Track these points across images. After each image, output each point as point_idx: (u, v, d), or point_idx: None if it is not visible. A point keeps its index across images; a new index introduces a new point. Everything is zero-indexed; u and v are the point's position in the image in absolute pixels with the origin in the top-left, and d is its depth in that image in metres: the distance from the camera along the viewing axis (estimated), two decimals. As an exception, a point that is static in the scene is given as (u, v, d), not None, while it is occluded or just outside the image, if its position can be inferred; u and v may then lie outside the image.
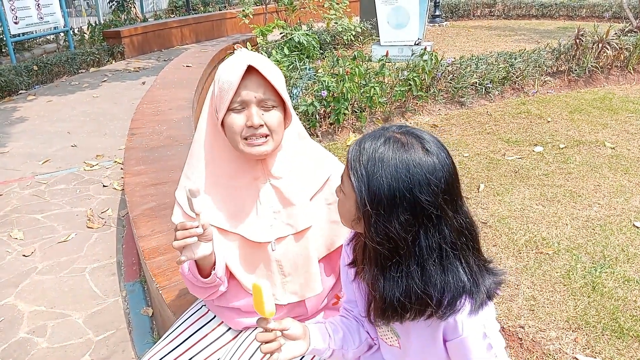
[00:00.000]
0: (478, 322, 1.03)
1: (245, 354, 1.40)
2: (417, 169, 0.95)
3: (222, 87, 1.26)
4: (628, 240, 3.00)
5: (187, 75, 5.95)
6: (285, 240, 1.40)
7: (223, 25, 12.69)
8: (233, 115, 1.27)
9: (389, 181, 0.95)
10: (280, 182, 1.37)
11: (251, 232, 1.37)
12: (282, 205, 1.38)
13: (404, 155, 0.96)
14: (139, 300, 2.79)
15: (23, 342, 2.50)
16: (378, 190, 0.95)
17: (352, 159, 0.99)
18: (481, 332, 1.04)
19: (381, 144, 0.98)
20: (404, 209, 0.95)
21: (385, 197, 0.95)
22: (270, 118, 1.28)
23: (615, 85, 6.57)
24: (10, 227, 3.60)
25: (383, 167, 0.95)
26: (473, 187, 3.76)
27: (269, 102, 1.27)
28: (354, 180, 0.98)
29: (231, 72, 1.24)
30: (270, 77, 1.24)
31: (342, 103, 4.82)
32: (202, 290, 1.38)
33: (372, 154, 0.97)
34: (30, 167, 4.72)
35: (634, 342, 2.22)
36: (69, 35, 9.84)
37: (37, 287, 2.93)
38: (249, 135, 1.27)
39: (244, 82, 1.24)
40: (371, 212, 0.96)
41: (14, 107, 6.88)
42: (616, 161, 4.15)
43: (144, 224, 2.53)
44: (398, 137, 0.99)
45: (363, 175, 0.96)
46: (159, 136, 3.82)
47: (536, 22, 12.98)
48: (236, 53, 1.32)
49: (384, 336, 1.22)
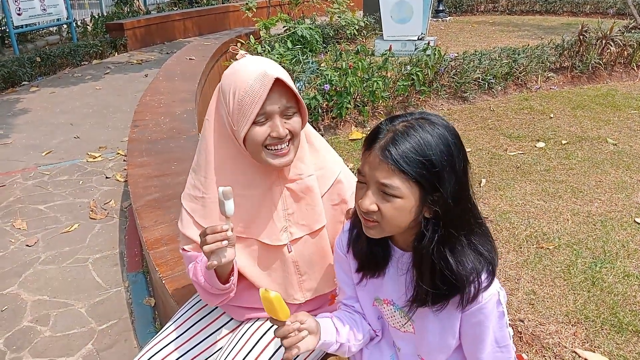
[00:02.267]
0: (494, 289, 1.09)
1: (249, 343, 1.41)
2: (451, 134, 1.04)
3: (243, 101, 1.22)
4: (629, 236, 3.01)
5: (190, 68, 5.95)
6: (300, 241, 1.41)
7: (226, 18, 12.65)
8: (256, 128, 1.25)
9: (442, 153, 1.01)
10: (295, 184, 1.38)
11: (267, 236, 1.38)
12: (296, 207, 1.39)
13: (438, 129, 1.03)
14: (142, 290, 2.81)
15: (26, 330, 2.53)
16: (440, 164, 1.00)
17: (404, 160, 1.00)
18: (496, 299, 1.09)
19: (417, 132, 1.02)
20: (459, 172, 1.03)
21: (446, 166, 1.01)
22: (293, 124, 1.27)
23: (618, 81, 6.56)
24: (14, 218, 3.63)
25: (433, 146, 1.01)
26: (475, 182, 3.73)
27: (291, 109, 1.26)
28: (417, 174, 1.00)
29: (254, 86, 1.21)
30: (292, 85, 1.22)
31: (344, 97, 4.83)
32: (215, 297, 1.38)
33: (418, 143, 1.01)
34: (33, 159, 4.74)
35: (633, 337, 2.23)
36: (72, 27, 9.83)
37: (40, 276, 2.95)
38: (272, 143, 1.26)
39: (268, 94, 1.21)
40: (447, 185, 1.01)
41: (17, 98, 6.89)
42: (618, 157, 4.15)
43: (147, 214, 2.54)
44: (421, 122, 1.04)
45: (421, 163, 1.00)
46: (162, 128, 3.83)
47: (540, 17, 12.93)
48: (243, 60, 1.29)
49: (397, 324, 1.23)
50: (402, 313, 1.21)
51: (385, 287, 1.23)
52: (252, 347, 1.40)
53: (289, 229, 1.39)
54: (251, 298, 1.46)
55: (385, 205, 1.04)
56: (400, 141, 1.01)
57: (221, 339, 1.53)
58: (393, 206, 1.03)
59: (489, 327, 1.11)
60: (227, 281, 1.33)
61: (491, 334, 1.12)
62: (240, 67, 1.27)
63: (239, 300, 1.47)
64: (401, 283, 1.17)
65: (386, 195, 1.03)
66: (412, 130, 1.02)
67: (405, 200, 1.02)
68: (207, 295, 1.38)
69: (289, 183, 1.38)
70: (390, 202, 1.03)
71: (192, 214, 1.39)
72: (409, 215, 1.04)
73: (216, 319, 1.55)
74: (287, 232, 1.39)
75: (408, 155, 0.99)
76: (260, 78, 1.21)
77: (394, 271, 1.20)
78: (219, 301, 1.40)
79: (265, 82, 1.20)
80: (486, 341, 1.13)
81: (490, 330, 1.12)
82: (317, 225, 1.40)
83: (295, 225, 1.40)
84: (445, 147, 1.01)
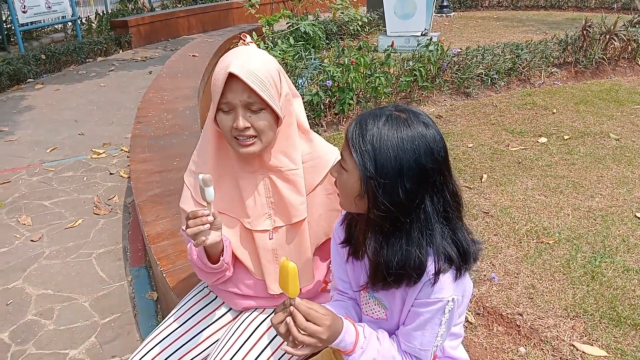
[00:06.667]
0: (448, 293, 1.09)
1: (244, 334, 1.44)
2: (421, 140, 1.04)
3: (213, 86, 1.29)
4: (629, 231, 3.01)
5: (193, 65, 5.98)
6: (281, 230, 1.44)
7: (230, 15, 12.67)
8: (222, 115, 1.30)
9: (395, 153, 1.02)
10: (277, 175, 1.40)
11: (248, 220, 1.42)
12: (277, 198, 1.42)
13: (408, 129, 1.04)
14: (144, 284, 2.84)
15: (31, 323, 2.56)
16: (385, 162, 1.02)
17: (354, 137, 1.06)
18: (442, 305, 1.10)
19: (384, 122, 1.05)
20: (409, 178, 1.03)
21: (392, 168, 1.02)
22: (258, 121, 1.29)
23: (622, 76, 6.53)
24: (19, 213, 3.67)
25: (389, 141, 1.03)
26: (476, 177, 3.77)
27: (255, 105, 1.27)
28: (358, 157, 1.04)
29: (219, 73, 1.26)
30: (253, 83, 1.23)
31: (347, 93, 4.84)
32: (210, 275, 1.43)
33: (376, 131, 1.04)
34: (38, 155, 4.78)
35: (631, 330, 2.24)
36: (77, 25, 9.88)
37: (44, 271, 2.99)
38: (237, 135, 1.30)
39: (230, 85, 1.25)
40: (380, 182, 1.03)
41: (22, 95, 6.94)
42: (620, 153, 4.15)
43: (149, 209, 2.57)
44: (398, 115, 1.07)
45: (369, 150, 1.03)
46: (165, 124, 3.86)
47: (545, 13, 12.86)
48: (238, 48, 1.33)
49: (371, 311, 1.26)
50: (376, 301, 1.23)
51: (363, 271, 1.25)
52: (248, 337, 1.43)
53: (273, 217, 1.43)
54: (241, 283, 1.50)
55: (339, 175, 1.13)
56: (362, 124, 1.06)
57: (219, 329, 1.56)
58: (342, 177, 1.12)
59: (423, 324, 1.13)
60: (217, 261, 1.38)
61: (420, 332, 1.14)
62: (227, 54, 1.32)
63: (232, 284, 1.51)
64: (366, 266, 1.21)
65: (341, 168, 1.12)
66: (379, 119, 1.06)
67: (349, 174, 1.09)
68: (203, 273, 1.44)
69: (270, 173, 1.41)
70: (341, 173, 1.12)
71: (190, 188, 1.47)
72: (353, 189, 1.09)
73: (214, 311, 1.59)
74: (270, 219, 1.43)
75: (359, 141, 1.05)
76: (224, 69, 1.25)
77: None
78: (214, 279, 1.46)
79: (225, 75, 1.24)
80: (413, 334, 1.15)
81: (422, 329, 1.13)
82: (295, 219, 1.42)
83: (277, 214, 1.43)
84: (399, 150, 1.03)
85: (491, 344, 2.20)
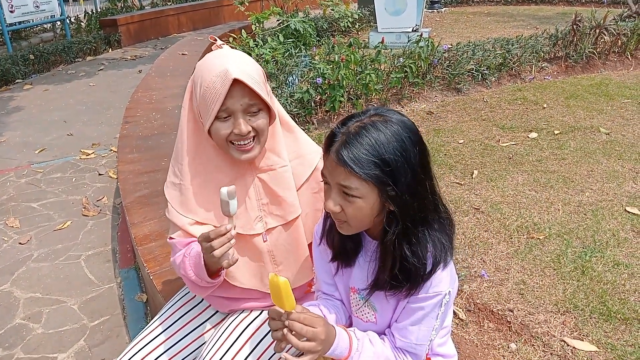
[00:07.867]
0: (444, 286, 1.11)
1: (232, 335, 1.43)
2: (406, 125, 1.07)
3: (205, 95, 1.23)
4: (619, 225, 3.01)
5: (182, 64, 5.95)
6: (275, 231, 1.42)
7: (220, 13, 12.62)
8: (219, 124, 1.26)
9: (398, 149, 1.02)
10: (266, 175, 1.38)
11: (240, 226, 1.38)
12: (269, 198, 1.40)
13: (392, 125, 1.05)
14: (134, 286, 2.81)
15: (19, 327, 2.54)
16: (395, 162, 1.02)
17: (355, 161, 1.02)
18: (440, 298, 1.12)
19: (370, 131, 1.03)
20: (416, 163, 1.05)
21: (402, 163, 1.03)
22: (257, 122, 1.27)
23: (612, 71, 6.55)
24: (7, 216, 3.63)
25: (389, 143, 1.03)
26: (467, 173, 3.77)
27: (254, 107, 1.26)
28: (370, 175, 1.01)
29: (215, 82, 1.21)
30: (255, 85, 1.21)
31: (337, 90, 4.82)
32: (205, 289, 1.39)
33: (369, 143, 1.02)
34: (26, 156, 4.74)
35: (621, 325, 2.24)
36: (66, 24, 9.80)
37: (33, 274, 2.96)
38: (236, 140, 1.27)
39: (230, 92, 1.21)
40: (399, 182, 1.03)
41: (10, 96, 6.88)
42: (610, 147, 4.16)
43: (137, 211, 2.55)
44: (374, 120, 1.06)
45: (378, 163, 1.01)
46: (153, 124, 3.83)
47: (535, 7, 12.88)
48: (215, 52, 1.29)
49: (361, 314, 1.25)
50: (368, 304, 1.22)
51: (354, 275, 1.25)
52: (236, 338, 1.42)
53: (264, 219, 1.40)
54: (232, 289, 1.47)
55: (347, 206, 1.07)
56: (352, 144, 1.02)
57: (206, 332, 1.54)
58: (354, 206, 1.06)
59: (421, 319, 1.14)
60: (217, 275, 1.34)
61: (416, 327, 1.15)
62: (209, 60, 1.27)
63: (222, 291, 1.48)
64: (366, 270, 1.20)
65: (347, 196, 1.06)
66: (365, 131, 1.03)
67: (365, 199, 1.05)
68: (197, 288, 1.39)
69: (260, 173, 1.38)
70: (351, 202, 1.06)
71: (170, 201, 1.41)
72: (371, 212, 1.07)
73: (201, 313, 1.57)
74: (262, 221, 1.40)
75: (360, 158, 1.01)
76: (222, 76, 1.20)
77: (362, 259, 1.22)
78: (207, 292, 1.42)
79: (225, 81, 1.20)
80: (409, 329, 1.16)
81: (419, 323, 1.15)
82: (291, 216, 1.40)
83: (270, 216, 1.40)
84: (398, 144, 1.03)
85: (482, 341, 2.20)
